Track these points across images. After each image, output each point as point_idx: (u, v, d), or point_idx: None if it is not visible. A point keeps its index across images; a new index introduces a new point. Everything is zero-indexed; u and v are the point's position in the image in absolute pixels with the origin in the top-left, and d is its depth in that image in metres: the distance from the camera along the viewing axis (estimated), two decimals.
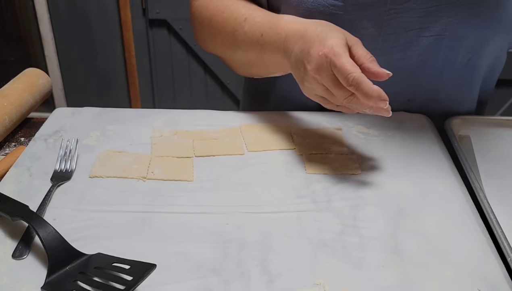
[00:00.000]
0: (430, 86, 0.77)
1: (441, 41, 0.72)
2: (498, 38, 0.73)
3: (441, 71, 0.75)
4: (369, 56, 0.59)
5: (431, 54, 0.73)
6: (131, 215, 0.57)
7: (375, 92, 0.55)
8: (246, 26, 0.69)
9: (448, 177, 0.64)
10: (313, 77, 0.59)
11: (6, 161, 0.66)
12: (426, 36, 0.71)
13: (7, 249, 0.52)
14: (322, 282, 0.49)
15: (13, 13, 2.03)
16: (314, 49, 0.58)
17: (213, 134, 0.71)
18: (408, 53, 0.73)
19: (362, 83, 0.55)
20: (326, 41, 0.58)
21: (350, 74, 0.55)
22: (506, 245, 0.52)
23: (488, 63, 0.77)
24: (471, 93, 0.79)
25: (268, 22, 0.67)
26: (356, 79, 0.55)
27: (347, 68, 0.55)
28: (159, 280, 0.48)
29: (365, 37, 0.71)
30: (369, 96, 0.55)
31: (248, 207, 0.58)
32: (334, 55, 0.56)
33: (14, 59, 2.12)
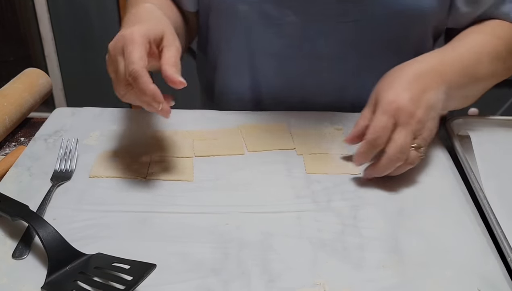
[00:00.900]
0: (359, 73, 0.77)
1: (361, 27, 0.73)
2: (419, 22, 0.74)
3: (365, 57, 0.76)
4: (173, 60, 0.56)
5: (355, 40, 0.74)
6: (131, 215, 0.57)
7: (150, 91, 0.53)
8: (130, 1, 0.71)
9: (448, 177, 0.64)
10: (109, 53, 0.58)
11: (6, 161, 0.66)
12: (346, 22, 0.72)
13: (7, 249, 0.52)
14: (322, 282, 0.49)
15: (13, 13, 2.03)
16: (121, 30, 0.58)
17: (213, 134, 0.71)
18: (332, 40, 0.74)
19: (140, 77, 0.53)
20: (134, 25, 0.57)
21: (131, 65, 0.53)
22: (506, 245, 0.52)
23: (413, 47, 0.77)
24: None
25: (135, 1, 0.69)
26: (135, 71, 0.53)
27: (131, 57, 0.54)
28: (159, 280, 0.48)
29: (288, 25, 0.73)
30: (143, 93, 0.54)
31: (248, 207, 0.58)
32: (129, 40, 0.55)
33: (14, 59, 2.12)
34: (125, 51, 0.55)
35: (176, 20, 0.76)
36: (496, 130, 0.74)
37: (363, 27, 0.73)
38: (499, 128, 0.74)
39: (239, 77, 0.81)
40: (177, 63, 0.57)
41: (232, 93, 0.82)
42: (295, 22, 0.73)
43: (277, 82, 0.79)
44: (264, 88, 0.80)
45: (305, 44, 0.75)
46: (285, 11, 0.72)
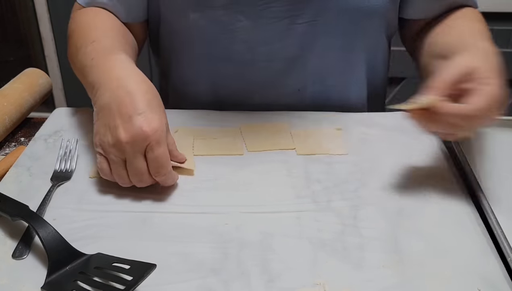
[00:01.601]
0: (316, 73, 0.78)
1: (315, 27, 0.73)
2: (371, 20, 0.74)
3: (322, 57, 0.76)
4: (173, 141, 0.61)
5: (309, 41, 0.74)
6: (131, 215, 0.57)
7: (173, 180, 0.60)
8: (89, 48, 0.66)
9: (448, 177, 0.64)
10: (122, 146, 0.55)
11: (6, 161, 0.66)
12: (299, 23, 0.72)
13: (7, 249, 0.52)
14: (322, 282, 0.49)
15: (13, 13, 2.03)
16: (137, 121, 0.55)
17: (213, 134, 0.71)
18: (287, 42, 0.74)
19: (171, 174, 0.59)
20: (154, 121, 0.55)
21: (165, 169, 0.57)
22: (506, 245, 0.52)
23: (367, 46, 0.78)
24: (357, 78, 0.80)
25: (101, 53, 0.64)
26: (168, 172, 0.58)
27: (164, 163, 0.56)
28: (159, 280, 0.48)
29: (241, 30, 0.73)
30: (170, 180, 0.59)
31: (248, 207, 0.58)
32: (156, 142, 0.55)
33: (14, 59, 2.12)
34: (154, 154, 0.55)
35: (132, 50, 0.74)
36: (496, 131, 0.74)
37: (317, 27, 0.73)
38: (499, 129, 0.74)
39: (195, 84, 0.80)
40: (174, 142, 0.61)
41: (189, 99, 0.81)
42: (248, 27, 0.72)
43: (236, 86, 0.79)
44: (222, 92, 0.80)
45: (261, 48, 0.75)
46: (236, 16, 0.72)
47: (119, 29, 0.74)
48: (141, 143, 0.55)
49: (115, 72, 0.60)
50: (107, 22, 0.73)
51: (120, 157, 0.56)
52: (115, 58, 0.63)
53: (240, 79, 0.78)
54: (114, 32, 0.72)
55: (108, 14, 0.75)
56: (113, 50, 0.65)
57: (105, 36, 0.69)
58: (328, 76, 0.78)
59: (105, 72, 0.61)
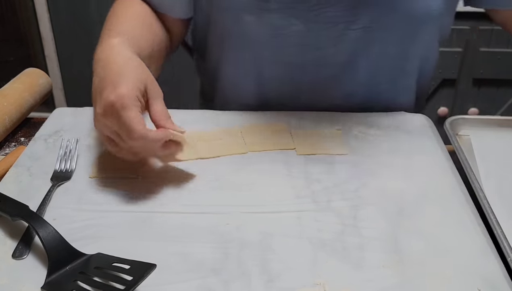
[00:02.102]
0: (368, 79, 0.77)
1: (370, 34, 0.72)
2: (427, 26, 0.74)
3: (375, 63, 0.76)
4: (166, 113, 0.58)
5: (363, 47, 0.74)
6: (131, 215, 0.57)
7: (161, 136, 0.56)
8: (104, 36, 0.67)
9: (448, 177, 0.64)
10: (101, 120, 0.56)
11: (6, 161, 0.66)
12: (354, 29, 0.72)
13: (7, 249, 0.52)
14: (322, 282, 0.49)
15: (13, 13, 2.03)
16: (105, 92, 0.55)
17: (214, 135, 0.71)
18: (340, 47, 0.73)
19: (147, 136, 0.54)
20: (118, 87, 0.55)
21: (135, 133, 0.54)
22: (506, 245, 0.52)
23: (422, 52, 0.78)
24: (408, 84, 0.80)
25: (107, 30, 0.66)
26: (141, 136, 0.54)
27: (132, 126, 0.54)
28: (159, 280, 0.48)
29: (295, 34, 0.72)
30: (158, 141, 0.56)
31: (248, 207, 0.58)
32: (121, 108, 0.54)
33: (14, 59, 2.12)
34: (121, 119, 0.54)
35: (152, 46, 0.73)
36: (496, 130, 0.74)
37: (372, 33, 0.72)
38: (499, 128, 0.74)
39: (244, 86, 0.80)
40: (168, 115, 0.59)
41: (237, 101, 0.81)
42: (302, 31, 0.72)
43: (284, 89, 0.79)
44: (270, 95, 0.80)
45: (312, 52, 0.74)
46: (291, 20, 0.71)
47: (144, 21, 0.74)
48: (110, 112, 0.55)
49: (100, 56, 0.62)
50: (135, 14, 0.73)
51: (107, 132, 0.57)
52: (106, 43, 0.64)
53: (288, 82, 0.78)
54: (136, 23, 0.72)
55: (141, 5, 0.75)
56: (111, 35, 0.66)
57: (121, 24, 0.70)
58: (379, 82, 0.78)
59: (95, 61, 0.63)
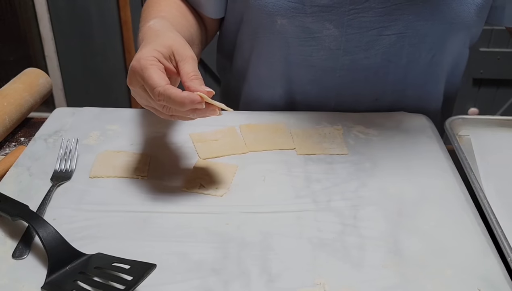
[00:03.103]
0: (396, 84, 0.77)
1: (403, 39, 0.72)
2: (459, 34, 0.74)
3: (405, 68, 0.76)
4: (192, 74, 0.56)
5: (395, 53, 0.74)
6: (131, 215, 0.57)
7: (187, 99, 0.53)
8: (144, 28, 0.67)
9: (448, 177, 0.64)
10: (132, 89, 0.57)
11: (6, 161, 0.66)
12: (388, 34, 0.72)
13: (7, 249, 0.52)
14: (322, 282, 0.49)
15: (13, 13, 2.03)
16: (132, 62, 0.56)
17: (213, 135, 0.71)
18: (372, 52, 0.74)
19: (170, 94, 0.52)
20: (140, 53, 0.56)
21: (155, 89, 0.53)
22: (506, 245, 0.52)
23: (452, 59, 0.78)
24: (436, 89, 0.80)
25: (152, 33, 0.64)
26: (161, 92, 0.52)
27: (151, 82, 0.53)
28: (159, 280, 0.48)
29: (327, 38, 0.72)
30: (182, 105, 0.53)
31: (248, 207, 0.58)
32: (140, 69, 0.54)
33: (14, 59, 2.12)
34: (143, 79, 0.54)
35: (189, 30, 0.73)
36: (496, 130, 0.74)
37: (404, 39, 0.72)
38: (499, 128, 0.74)
39: (272, 87, 0.80)
40: (197, 75, 0.56)
41: (264, 102, 0.81)
42: (335, 35, 0.72)
43: (312, 92, 0.79)
44: (298, 98, 0.80)
45: (344, 57, 0.74)
46: (325, 24, 0.71)
47: (180, 9, 0.74)
48: (133, 78, 0.55)
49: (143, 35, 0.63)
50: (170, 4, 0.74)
51: (144, 102, 0.57)
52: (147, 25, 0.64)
53: (318, 85, 0.78)
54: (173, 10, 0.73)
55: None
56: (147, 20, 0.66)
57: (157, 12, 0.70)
58: (407, 88, 0.78)
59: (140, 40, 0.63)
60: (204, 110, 0.54)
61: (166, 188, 0.61)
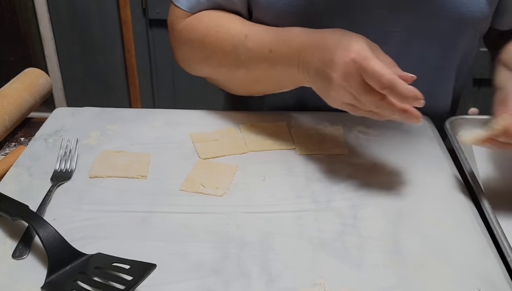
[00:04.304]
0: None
1: (411, 38, 0.72)
2: (469, 29, 0.74)
3: (416, 64, 0.75)
4: (390, 60, 0.57)
5: (405, 49, 0.73)
6: (131, 215, 0.57)
7: (411, 92, 0.53)
8: (249, 44, 0.67)
9: (448, 177, 0.64)
10: (341, 85, 0.57)
11: (6, 161, 0.66)
12: (397, 30, 0.72)
13: (7, 249, 0.52)
14: (322, 282, 0.49)
15: (13, 13, 2.03)
16: (338, 57, 0.57)
17: (213, 135, 0.71)
18: (383, 48, 0.73)
19: (397, 84, 0.53)
20: (350, 46, 0.56)
21: (384, 77, 0.53)
22: (506, 245, 0.52)
23: (462, 54, 0.77)
24: (446, 85, 0.80)
25: (275, 37, 0.65)
26: (390, 80, 0.53)
27: (379, 71, 0.54)
28: (159, 280, 0.48)
29: None
30: (405, 97, 0.54)
31: (248, 207, 0.58)
32: (363, 60, 0.55)
33: (14, 59, 2.12)
34: (365, 70, 0.54)
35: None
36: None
37: (413, 37, 0.72)
38: None
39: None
40: (394, 62, 0.58)
41: (275, 101, 0.80)
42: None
43: None
44: (309, 95, 0.79)
45: None
46: (335, 21, 0.70)
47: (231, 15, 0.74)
48: (352, 70, 0.55)
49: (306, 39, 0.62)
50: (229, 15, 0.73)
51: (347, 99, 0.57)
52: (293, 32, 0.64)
53: None
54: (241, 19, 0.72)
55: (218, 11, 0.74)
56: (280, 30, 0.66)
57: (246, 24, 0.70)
58: (419, 83, 0.76)
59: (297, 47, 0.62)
60: (410, 115, 0.56)
61: (166, 188, 0.61)
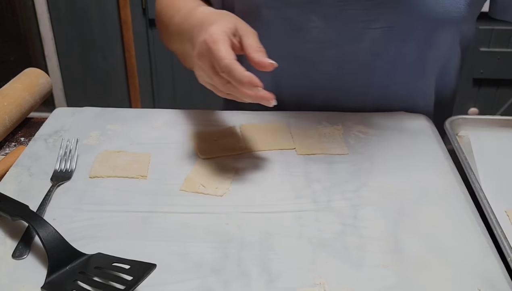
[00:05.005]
0: (383, 79, 0.77)
1: (390, 33, 0.72)
2: (448, 30, 0.74)
3: (393, 63, 0.75)
4: (257, 46, 0.58)
5: (382, 47, 0.73)
6: (131, 215, 0.57)
7: (246, 78, 0.54)
8: (177, 17, 0.69)
9: (448, 177, 0.64)
10: (197, 64, 0.59)
11: (6, 161, 0.66)
12: (374, 28, 0.72)
13: (7, 249, 0.52)
14: (322, 282, 0.49)
15: (13, 13, 2.03)
16: (197, 37, 0.58)
17: (213, 135, 0.71)
18: (359, 46, 0.73)
19: (234, 70, 0.54)
20: (208, 28, 0.57)
21: (222, 60, 0.54)
22: (506, 245, 0.52)
23: (441, 56, 0.77)
24: (425, 86, 0.80)
25: (189, 14, 0.67)
26: (226, 65, 0.54)
27: (219, 54, 0.55)
28: (159, 280, 0.48)
29: (313, 30, 0.72)
30: (241, 83, 0.54)
31: (248, 207, 0.58)
32: (211, 42, 0.56)
33: (14, 59, 2.12)
34: (211, 52, 0.55)
35: None
36: (496, 130, 0.74)
37: (391, 34, 0.72)
38: (499, 128, 0.74)
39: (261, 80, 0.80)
40: (260, 47, 0.58)
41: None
42: (320, 27, 0.72)
43: (299, 86, 0.79)
44: (286, 91, 0.80)
45: (330, 50, 0.74)
46: (310, 16, 0.71)
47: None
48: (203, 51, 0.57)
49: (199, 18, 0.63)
50: None
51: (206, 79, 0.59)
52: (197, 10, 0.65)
53: (305, 79, 0.78)
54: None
55: None
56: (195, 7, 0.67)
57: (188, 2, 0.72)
58: (395, 83, 0.78)
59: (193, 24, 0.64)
60: (260, 97, 0.56)
61: (166, 188, 0.61)
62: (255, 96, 0.56)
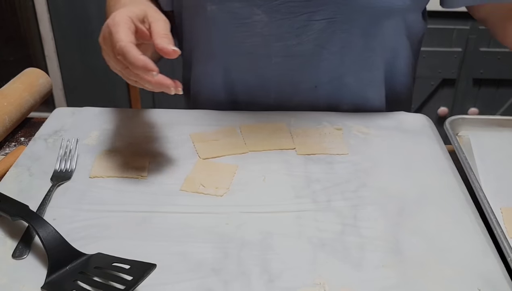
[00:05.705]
0: (333, 71, 0.77)
1: (334, 25, 0.72)
2: (392, 20, 0.74)
3: (340, 55, 0.75)
4: (163, 33, 0.57)
5: (327, 38, 0.73)
6: (131, 215, 0.57)
7: (140, 62, 0.54)
8: (112, 7, 0.70)
9: (448, 177, 0.64)
10: (102, 48, 0.59)
11: (6, 161, 0.66)
12: (317, 20, 0.72)
13: (7, 249, 0.52)
14: (322, 282, 0.49)
15: (13, 13, 2.03)
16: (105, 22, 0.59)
17: (213, 136, 0.71)
18: (303, 38, 0.73)
19: (128, 52, 0.54)
20: (114, 13, 0.58)
21: (118, 43, 0.54)
22: (506, 245, 0.52)
23: (388, 47, 0.77)
24: (374, 79, 0.80)
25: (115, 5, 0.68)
26: (121, 48, 0.54)
27: (116, 36, 0.55)
28: (159, 280, 0.48)
29: (258, 23, 0.72)
30: (135, 66, 0.54)
31: (248, 207, 0.58)
32: (112, 25, 0.56)
33: (14, 59, 2.12)
34: (111, 35, 0.56)
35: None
36: (496, 130, 0.74)
37: (335, 24, 0.72)
38: (499, 128, 0.74)
39: (212, 77, 0.80)
40: (167, 34, 0.57)
41: (207, 93, 0.82)
42: (265, 21, 0.72)
43: (251, 82, 0.79)
44: (238, 88, 0.80)
45: (276, 43, 0.74)
46: (253, 9, 0.71)
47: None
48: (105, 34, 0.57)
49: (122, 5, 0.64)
50: None
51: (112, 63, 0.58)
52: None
53: (256, 74, 0.78)
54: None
55: None
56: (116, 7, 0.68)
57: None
58: (345, 74, 0.77)
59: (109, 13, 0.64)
60: (159, 84, 0.55)
61: (166, 188, 0.61)
62: (155, 83, 0.55)
